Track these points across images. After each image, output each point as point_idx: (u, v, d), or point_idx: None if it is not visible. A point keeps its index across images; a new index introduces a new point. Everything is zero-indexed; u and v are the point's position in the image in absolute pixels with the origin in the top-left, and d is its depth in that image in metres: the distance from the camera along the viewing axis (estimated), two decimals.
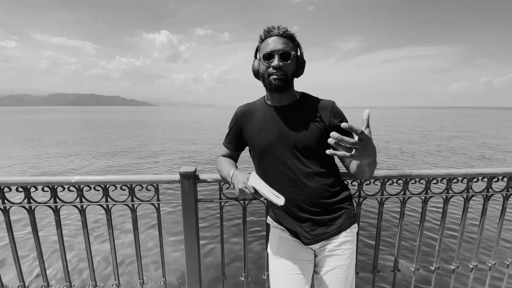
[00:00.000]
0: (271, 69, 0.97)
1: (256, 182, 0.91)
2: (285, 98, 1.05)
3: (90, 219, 3.92)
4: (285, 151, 1.02)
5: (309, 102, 1.06)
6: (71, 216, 3.90)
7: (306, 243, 1.03)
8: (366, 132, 0.73)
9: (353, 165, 1.04)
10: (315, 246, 1.05)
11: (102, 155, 10.16)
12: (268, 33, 0.98)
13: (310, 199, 1.01)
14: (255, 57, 1.07)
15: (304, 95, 1.09)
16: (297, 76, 1.04)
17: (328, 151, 0.73)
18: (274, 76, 0.97)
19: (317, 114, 1.02)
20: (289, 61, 0.97)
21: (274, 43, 0.96)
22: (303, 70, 1.03)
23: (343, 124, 0.67)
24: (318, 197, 1.01)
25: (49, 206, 1.26)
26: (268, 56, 0.97)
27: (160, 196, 1.29)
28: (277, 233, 1.11)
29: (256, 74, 1.06)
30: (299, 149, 1.01)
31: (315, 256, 1.08)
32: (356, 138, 0.73)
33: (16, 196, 1.26)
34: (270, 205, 1.16)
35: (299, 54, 1.02)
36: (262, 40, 1.01)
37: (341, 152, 0.73)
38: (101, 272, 2.77)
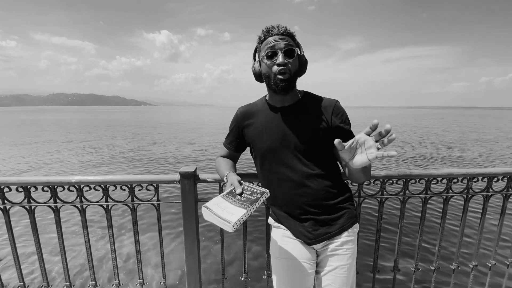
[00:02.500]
0: (275, 67, 0.94)
1: (208, 217, 0.84)
2: (288, 98, 1.03)
3: (90, 219, 3.92)
4: (287, 153, 1.01)
5: (311, 102, 1.04)
6: (71, 216, 3.90)
7: (308, 243, 1.03)
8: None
9: (349, 170, 1.01)
10: (317, 246, 1.05)
11: (102, 155, 10.15)
12: (268, 33, 0.95)
13: (312, 201, 1.00)
14: (254, 59, 1.04)
15: (306, 94, 1.07)
16: (300, 76, 1.01)
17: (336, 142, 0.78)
18: (280, 77, 0.93)
19: (319, 114, 1.01)
20: (293, 58, 0.94)
21: (276, 41, 0.93)
22: (305, 69, 1.00)
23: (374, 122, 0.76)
24: (320, 199, 1.00)
25: (49, 206, 1.26)
26: (272, 54, 0.93)
27: (160, 196, 1.29)
28: (278, 233, 1.11)
29: (258, 76, 1.02)
30: (301, 151, 1.00)
31: (317, 256, 1.08)
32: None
33: (16, 196, 1.26)
34: (270, 205, 1.16)
35: (299, 53, 1.00)
36: (261, 40, 0.97)
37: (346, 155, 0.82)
38: (101, 272, 2.77)
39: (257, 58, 1.04)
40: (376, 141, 0.77)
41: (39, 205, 1.25)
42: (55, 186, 1.24)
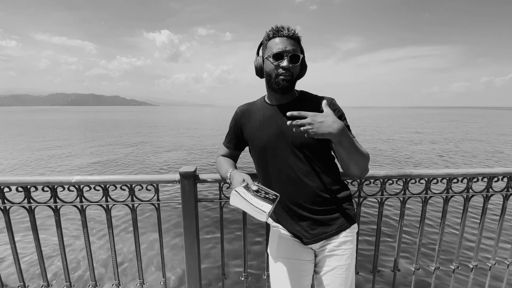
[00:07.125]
0: (280, 69, 0.97)
1: (237, 201, 0.84)
2: (285, 97, 1.05)
3: (90, 219, 3.92)
4: (284, 149, 1.02)
5: (308, 99, 1.07)
6: (71, 216, 3.90)
7: (306, 243, 1.03)
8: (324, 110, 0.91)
9: (338, 158, 1.01)
10: (315, 246, 1.05)
11: (101, 154, 10.15)
12: (277, 32, 0.98)
13: (310, 198, 1.01)
14: (258, 54, 1.06)
15: (302, 93, 1.10)
16: (299, 79, 1.05)
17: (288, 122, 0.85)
18: (282, 77, 0.97)
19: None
20: (297, 64, 0.98)
21: (284, 44, 0.95)
22: (305, 72, 1.04)
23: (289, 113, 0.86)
24: (317, 196, 1.01)
25: (49, 206, 1.26)
26: (278, 56, 0.96)
27: (160, 196, 1.29)
28: (277, 233, 1.11)
29: (259, 71, 1.05)
30: (298, 147, 1.01)
31: (315, 256, 1.08)
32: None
33: (16, 196, 1.26)
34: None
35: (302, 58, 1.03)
36: (269, 38, 0.99)
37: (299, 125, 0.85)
38: (101, 272, 2.77)
39: (260, 54, 1.05)
40: None
41: (39, 205, 1.25)
42: (55, 186, 1.24)
